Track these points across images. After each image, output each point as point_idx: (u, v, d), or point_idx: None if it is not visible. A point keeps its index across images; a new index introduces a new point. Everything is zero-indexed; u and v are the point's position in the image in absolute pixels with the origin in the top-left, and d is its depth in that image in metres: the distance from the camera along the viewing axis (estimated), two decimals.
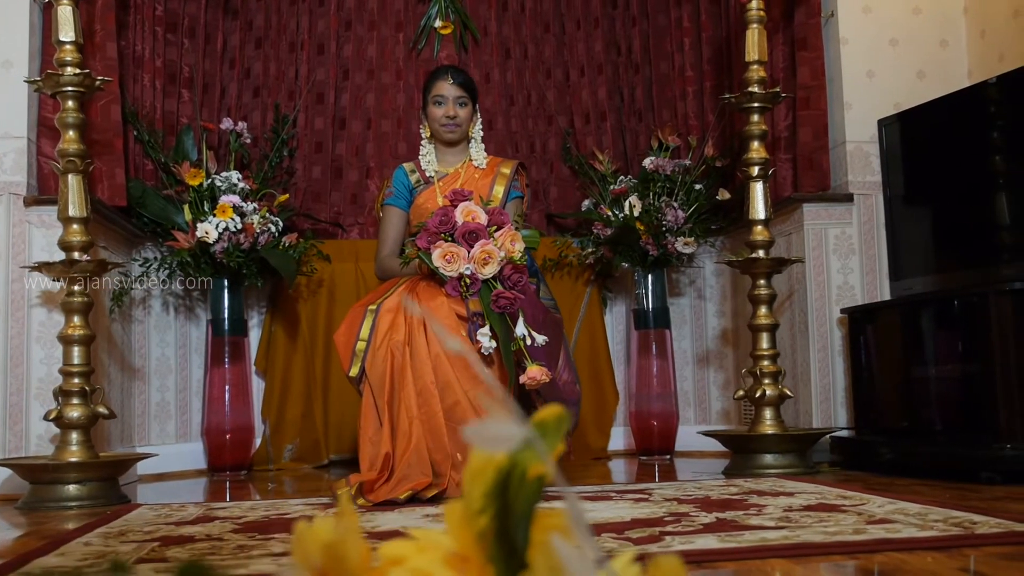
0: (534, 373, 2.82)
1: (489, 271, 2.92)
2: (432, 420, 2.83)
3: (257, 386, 4.40)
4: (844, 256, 3.84)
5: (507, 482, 0.58)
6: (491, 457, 0.61)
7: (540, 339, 2.88)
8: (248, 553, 1.92)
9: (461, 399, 2.84)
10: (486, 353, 2.87)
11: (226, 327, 4.16)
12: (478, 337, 2.86)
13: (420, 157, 3.47)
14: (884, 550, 1.79)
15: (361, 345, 2.99)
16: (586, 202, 4.62)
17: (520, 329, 2.87)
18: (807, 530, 1.99)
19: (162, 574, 1.64)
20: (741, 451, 3.55)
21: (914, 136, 3.74)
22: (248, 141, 4.36)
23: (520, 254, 2.98)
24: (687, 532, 2.01)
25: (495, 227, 2.99)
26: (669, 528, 2.08)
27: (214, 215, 3.97)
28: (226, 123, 4.28)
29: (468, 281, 2.93)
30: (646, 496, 2.71)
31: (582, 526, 0.51)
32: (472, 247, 2.93)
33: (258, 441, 4.32)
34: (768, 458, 3.44)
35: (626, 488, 3.01)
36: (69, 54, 3.18)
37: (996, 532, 1.91)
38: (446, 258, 2.92)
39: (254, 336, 4.43)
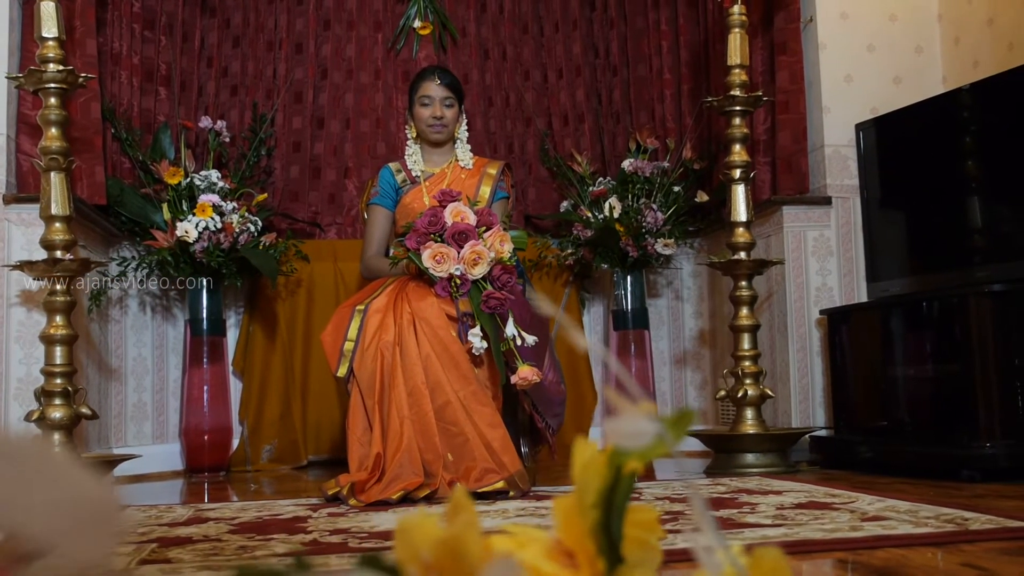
0: (525, 373, 2.83)
1: (479, 272, 2.93)
2: (423, 420, 2.83)
3: (234, 387, 4.36)
4: (822, 258, 3.90)
5: (618, 477, 0.59)
6: (596, 452, 0.63)
7: (530, 339, 2.89)
8: (252, 554, 1.91)
9: (452, 399, 2.85)
10: (477, 353, 2.88)
11: (204, 327, 4.13)
12: (469, 338, 2.86)
13: (406, 157, 3.47)
14: (884, 546, 1.83)
15: (349, 345, 2.98)
16: (564, 203, 4.64)
17: (510, 329, 2.88)
18: (805, 528, 2.02)
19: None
20: (723, 451, 3.58)
21: (890, 140, 3.81)
22: (227, 140, 4.33)
23: (509, 255, 2.99)
24: (688, 530, 2.03)
25: (484, 228, 3.00)
26: (668, 526, 2.10)
27: (194, 214, 3.94)
28: (205, 122, 4.25)
29: (458, 282, 2.94)
30: (636, 495, 2.73)
31: (707, 518, 0.52)
32: (462, 248, 2.94)
33: (236, 442, 4.29)
34: (750, 457, 3.48)
35: None
36: (52, 50, 3.14)
37: (990, 528, 1.95)
38: (436, 259, 2.93)
39: (231, 336, 4.40)
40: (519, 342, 2.88)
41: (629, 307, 4.43)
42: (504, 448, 2.82)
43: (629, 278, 4.44)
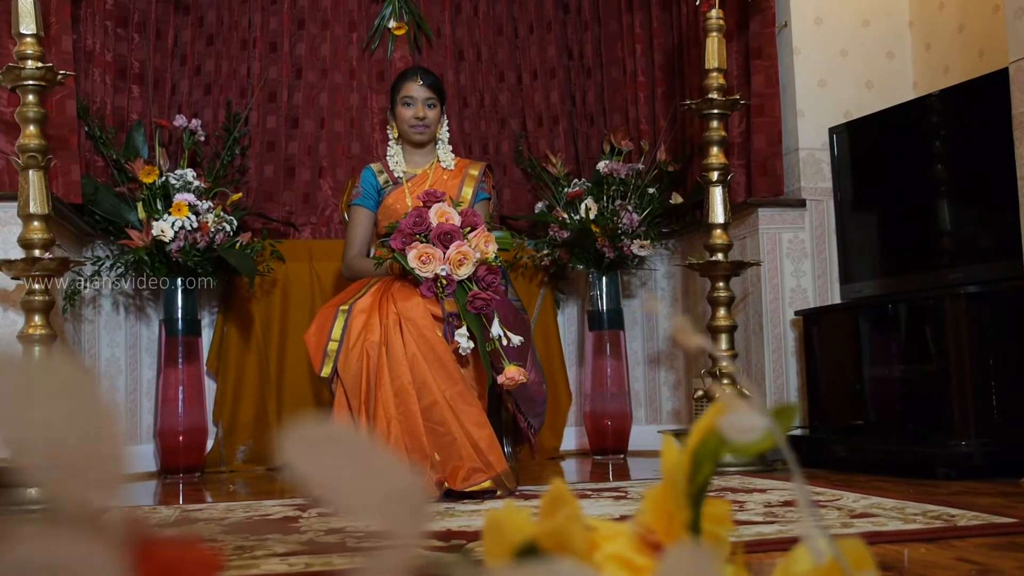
0: (512, 373, 2.85)
1: (464, 272, 2.94)
2: (410, 420, 2.84)
3: (208, 387, 4.33)
4: (797, 259, 3.95)
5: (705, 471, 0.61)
6: (677, 445, 0.64)
7: (516, 339, 2.91)
8: (252, 553, 1.91)
9: (438, 399, 2.86)
10: (464, 353, 2.89)
11: (180, 327, 4.09)
12: (456, 337, 2.87)
13: (388, 158, 3.47)
14: (877, 543, 1.86)
15: (333, 345, 2.98)
16: (539, 204, 4.66)
17: (496, 329, 2.90)
18: (798, 524, 2.06)
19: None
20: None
21: (863, 144, 3.87)
22: (202, 139, 4.30)
23: (493, 255, 3.01)
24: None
25: (468, 228, 3.01)
26: None
27: (169, 213, 3.91)
28: (179, 120, 4.22)
29: (443, 282, 2.94)
30: (623, 494, 2.76)
31: (810, 507, 0.54)
32: (447, 248, 2.95)
33: (210, 443, 4.25)
34: (728, 456, 3.52)
35: (601, 487, 3.06)
36: (30, 47, 3.10)
37: (977, 524, 2.00)
38: (422, 259, 2.93)
39: (206, 336, 4.37)
40: (504, 342, 2.90)
41: (605, 308, 4.47)
42: (491, 447, 2.84)
43: (604, 279, 4.47)
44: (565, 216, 4.41)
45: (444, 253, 2.94)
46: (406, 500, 0.38)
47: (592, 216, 4.32)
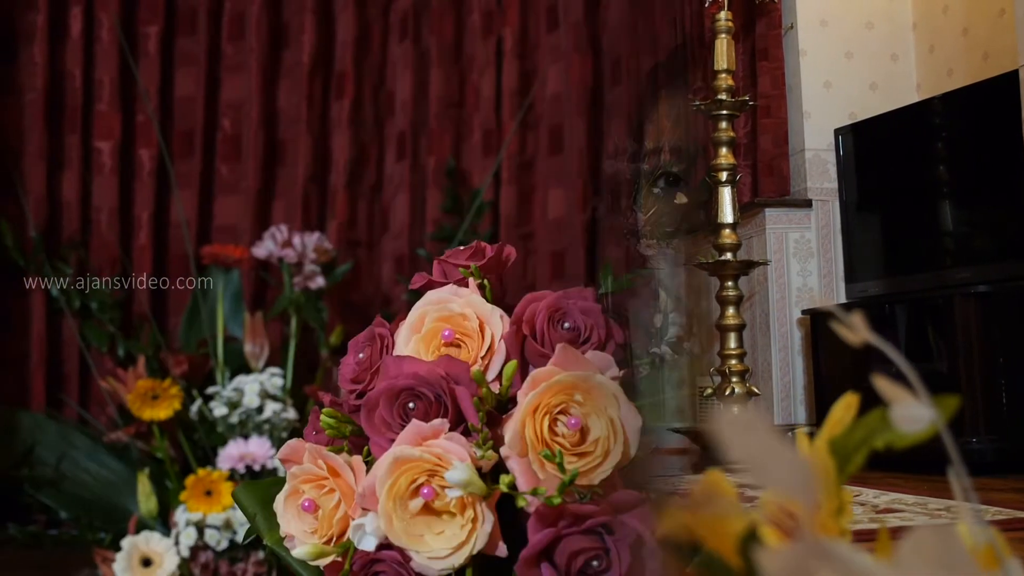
0: None
1: None
2: None
3: None
4: (803, 259, 3.99)
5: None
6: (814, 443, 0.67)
7: None
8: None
9: None
10: None
11: None
12: None
13: None
14: None
15: None
16: None
17: None
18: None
19: None
20: (709, 447, 3.65)
21: (868, 146, 3.92)
22: None
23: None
24: None
25: None
26: None
27: None
28: None
29: None
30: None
31: (969, 495, 0.56)
32: None
33: None
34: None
35: None
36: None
37: (1003, 519, 2.03)
38: None
39: None
40: None
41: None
42: None
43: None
44: None
45: None
46: (808, 476, 0.41)
47: None
